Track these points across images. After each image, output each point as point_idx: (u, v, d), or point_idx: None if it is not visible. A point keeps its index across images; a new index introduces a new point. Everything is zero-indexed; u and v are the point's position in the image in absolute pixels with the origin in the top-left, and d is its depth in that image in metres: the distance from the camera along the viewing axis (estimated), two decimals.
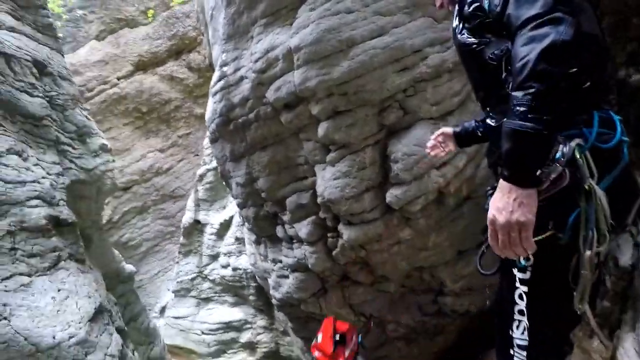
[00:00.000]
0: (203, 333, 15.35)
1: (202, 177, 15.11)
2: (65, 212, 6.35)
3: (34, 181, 6.08)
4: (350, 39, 6.02)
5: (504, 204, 1.52)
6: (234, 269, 14.07)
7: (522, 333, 1.84)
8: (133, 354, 8.92)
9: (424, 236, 6.85)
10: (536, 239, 1.56)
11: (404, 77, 6.11)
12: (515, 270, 1.70)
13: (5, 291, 5.08)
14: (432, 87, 6.18)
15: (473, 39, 1.86)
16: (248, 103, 7.29)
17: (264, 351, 14.36)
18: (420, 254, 7.07)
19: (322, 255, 7.28)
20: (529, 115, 1.43)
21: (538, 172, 1.54)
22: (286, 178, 7.58)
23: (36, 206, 5.88)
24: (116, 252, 11.40)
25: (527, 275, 1.71)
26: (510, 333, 1.90)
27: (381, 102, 6.15)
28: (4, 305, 4.96)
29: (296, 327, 9.53)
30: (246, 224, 9.61)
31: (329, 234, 7.17)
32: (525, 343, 1.85)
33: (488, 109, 2.08)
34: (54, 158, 7.02)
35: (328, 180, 6.44)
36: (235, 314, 14.84)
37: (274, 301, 9.45)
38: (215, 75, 8.11)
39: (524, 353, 1.85)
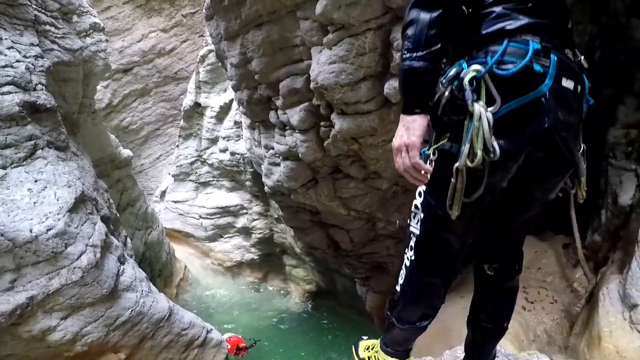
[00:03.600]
0: (201, 217, 15.56)
1: (203, 58, 14.37)
2: (43, 97, 5.82)
3: (5, 66, 5.52)
4: None
5: (397, 130, 1.81)
6: (232, 154, 13.88)
7: (417, 223, 2.07)
8: (126, 240, 9.01)
9: None
10: (434, 147, 1.84)
11: None
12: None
13: None
14: None
15: None
16: None
17: (258, 237, 14.60)
18: None
19: (313, 144, 6.94)
20: (404, 56, 1.74)
21: (432, 101, 1.81)
22: (281, 60, 7.04)
23: (9, 92, 5.40)
24: (112, 136, 11.06)
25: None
26: (409, 222, 2.13)
27: None
28: None
29: (287, 216, 9.46)
30: (240, 107, 9.19)
31: (322, 123, 6.77)
32: (417, 232, 2.07)
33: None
34: (32, 39, 6.37)
35: (323, 64, 5.87)
36: (232, 199, 14.87)
37: (265, 189, 9.31)
38: None
39: (414, 240, 2.09)
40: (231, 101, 13.53)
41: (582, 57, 2.09)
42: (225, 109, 13.99)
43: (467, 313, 2.53)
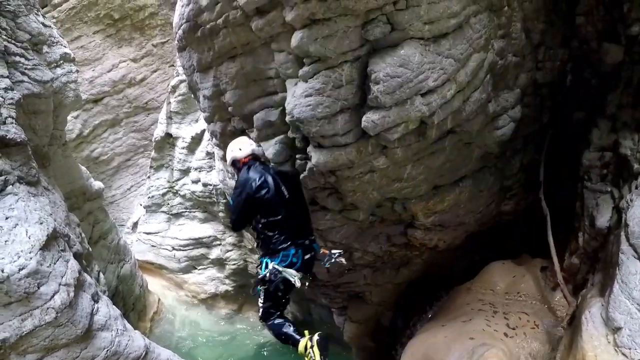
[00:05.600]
0: (173, 249, 15.30)
1: (174, 88, 14.25)
2: (13, 131, 5.62)
3: None
4: None
5: None
6: (204, 185, 13.76)
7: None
8: (99, 275, 8.74)
9: (399, 167, 6.44)
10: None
11: None
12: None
13: None
14: (427, 3, 5.30)
15: None
16: (217, 7, 6.51)
17: (232, 268, 14.52)
18: (394, 185, 6.71)
19: None
20: None
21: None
22: (255, 92, 7.01)
23: None
24: (83, 168, 10.79)
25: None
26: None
27: (366, 13, 5.32)
28: None
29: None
30: (213, 139, 9.13)
31: (297, 156, 6.75)
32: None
33: None
34: (2, 71, 6.21)
35: (299, 97, 5.86)
36: (205, 230, 14.76)
37: None
38: None
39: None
40: (203, 132, 13.47)
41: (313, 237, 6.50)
42: (196, 140, 13.91)
43: (449, 342, 3.52)
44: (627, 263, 5.75)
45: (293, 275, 5.74)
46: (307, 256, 6.09)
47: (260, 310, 6.16)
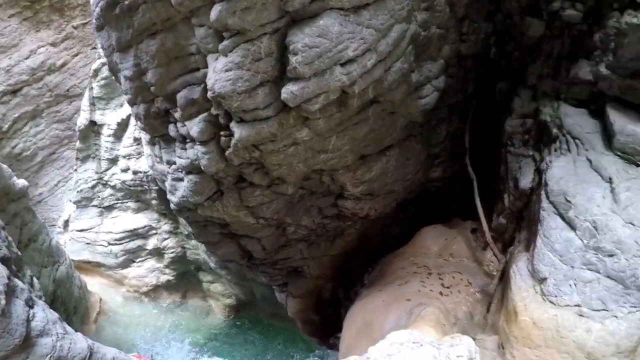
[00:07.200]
0: (109, 244, 14.82)
1: (96, 72, 13.62)
2: None
3: None
4: None
5: None
6: (135, 173, 13.39)
7: None
8: (32, 280, 8.35)
9: (323, 138, 6.52)
10: None
11: None
12: None
13: None
14: None
15: None
16: None
17: (171, 256, 14.28)
18: (319, 157, 6.79)
19: (215, 155, 6.80)
20: None
21: None
22: (176, 70, 6.83)
23: None
24: (4, 166, 10.17)
25: None
26: None
27: None
28: None
29: (196, 232, 9.21)
30: (138, 122, 8.84)
31: (221, 133, 6.64)
32: None
33: None
34: None
35: (219, 72, 5.79)
36: (140, 220, 14.40)
37: (172, 206, 9.00)
38: None
39: None
40: (129, 117, 13.06)
41: None
42: (123, 126, 13.46)
43: (387, 304, 2.97)
44: (548, 219, 6.38)
45: None
46: None
47: None
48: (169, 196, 8.75)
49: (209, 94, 6.05)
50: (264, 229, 8.16)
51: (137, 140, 12.89)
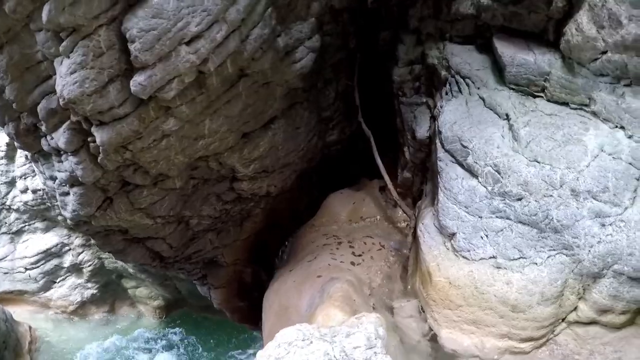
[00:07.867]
0: (26, 269, 14.19)
1: None
2: None
3: None
4: None
5: None
6: (34, 192, 12.88)
7: None
8: None
9: (195, 124, 6.26)
10: None
11: None
12: None
13: None
14: None
15: None
16: None
17: (90, 270, 14.00)
18: (198, 144, 6.56)
19: (88, 164, 6.45)
20: None
21: None
22: (31, 81, 6.38)
23: None
24: None
25: None
26: None
27: None
28: None
29: (100, 243, 8.76)
30: (14, 142, 8.27)
31: (89, 139, 6.27)
32: None
33: None
34: None
35: (65, 76, 5.44)
36: (50, 239, 13.90)
37: (68, 222, 8.57)
38: None
39: None
40: None
41: None
42: (12, 146, 12.61)
43: (298, 285, 2.69)
44: (447, 169, 5.95)
45: None
46: None
47: None
48: (62, 212, 8.31)
49: (61, 102, 5.67)
50: (165, 227, 7.89)
51: (28, 158, 12.15)
